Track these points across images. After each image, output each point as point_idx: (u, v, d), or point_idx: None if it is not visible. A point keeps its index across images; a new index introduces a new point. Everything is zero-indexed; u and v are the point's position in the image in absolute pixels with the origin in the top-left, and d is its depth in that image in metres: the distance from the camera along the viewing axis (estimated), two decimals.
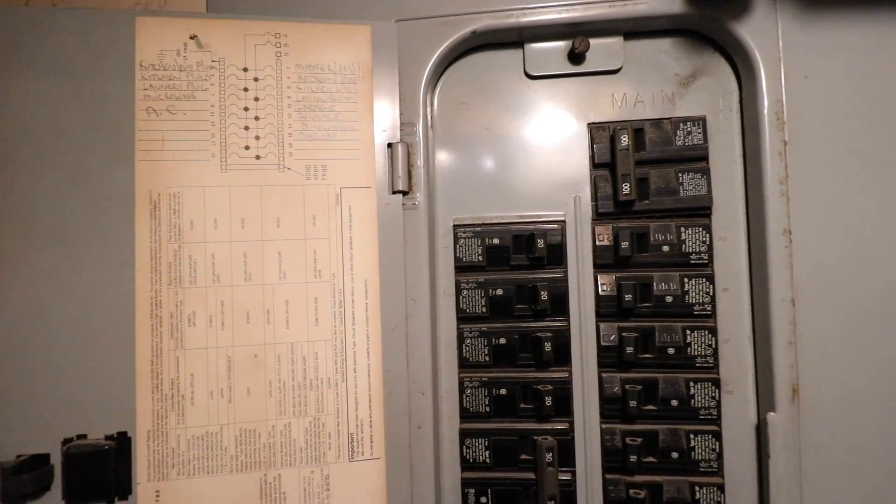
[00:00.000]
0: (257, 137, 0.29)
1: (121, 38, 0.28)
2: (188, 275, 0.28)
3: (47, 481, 0.26)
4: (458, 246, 0.32)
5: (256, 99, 0.30)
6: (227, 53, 0.29)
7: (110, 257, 0.28)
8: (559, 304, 0.31)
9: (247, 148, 0.29)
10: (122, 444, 0.27)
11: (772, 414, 0.28)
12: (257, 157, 0.29)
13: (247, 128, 0.29)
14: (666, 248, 0.30)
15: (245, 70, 0.29)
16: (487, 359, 0.31)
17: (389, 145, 0.30)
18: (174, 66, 0.29)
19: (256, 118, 0.29)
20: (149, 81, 0.29)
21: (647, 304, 0.30)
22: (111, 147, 0.28)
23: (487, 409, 0.31)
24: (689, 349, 0.30)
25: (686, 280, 0.30)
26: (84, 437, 0.27)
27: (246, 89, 0.29)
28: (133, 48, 0.29)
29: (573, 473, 0.30)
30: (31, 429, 0.27)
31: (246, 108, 0.29)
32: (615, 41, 0.31)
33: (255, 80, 0.29)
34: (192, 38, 0.29)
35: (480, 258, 0.32)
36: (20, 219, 0.27)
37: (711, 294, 0.30)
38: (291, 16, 0.31)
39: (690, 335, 0.30)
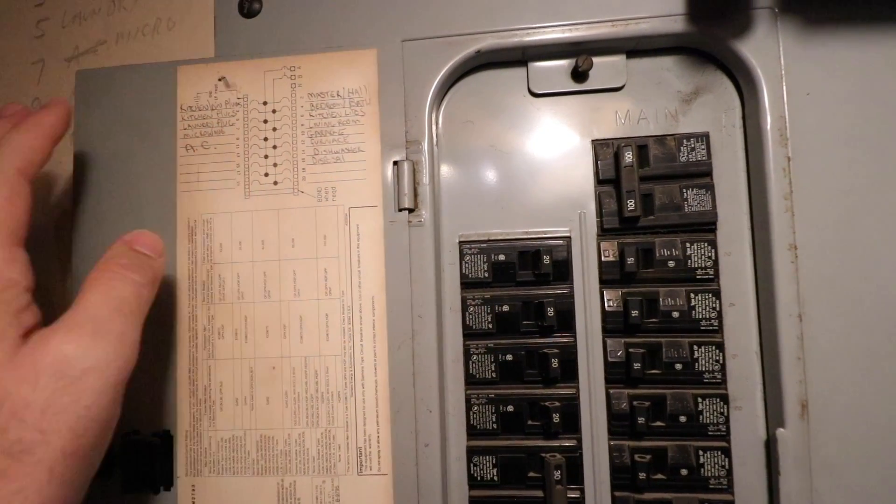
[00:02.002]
0: (275, 165, 0.31)
1: (166, 86, 0.33)
2: (218, 292, 0.31)
3: (111, 468, 0.30)
4: (463, 262, 0.32)
5: (274, 129, 0.32)
6: (250, 90, 0.32)
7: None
8: (566, 320, 0.31)
9: (266, 175, 0.31)
10: (166, 441, 0.31)
11: (781, 430, 0.28)
12: (275, 183, 0.31)
13: (266, 156, 0.32)
14: (672, 264, 0.30)
15: (265, 103, 0.32)
16: (494, 375, 0.31)
17: (395, 163, 0.31)
18: (207, 105, 0.32)
19: (274, 147, 0.32)
20: (187, 122, 0.32)
21: (653, 320, 0.30)
22: (160, 182, 0.33)
23: (495, 426, 0.31)
24: (696, 365, 0.30)
25: (692, 295, 0.30)
26: (137, 432, 0.31)
27: (265, 121, 0.32)
28: (176, 95, 0.32)
29: (581, 491, 0.30)
30: None
31: (265, 139, 0.32)
32: (618, 59, 0.32)
33: (273, 111, 0.32)
34: (220, 79, 0.32)
35: (486, 274, 0.32)
36: (90, 246, 0.33)
37: (718, 309, 0.30)
38: (298, 38, 0.33)
39: (698, 351, 0.30)
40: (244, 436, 0.30)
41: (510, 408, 0.31)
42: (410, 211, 0.31)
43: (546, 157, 0.32)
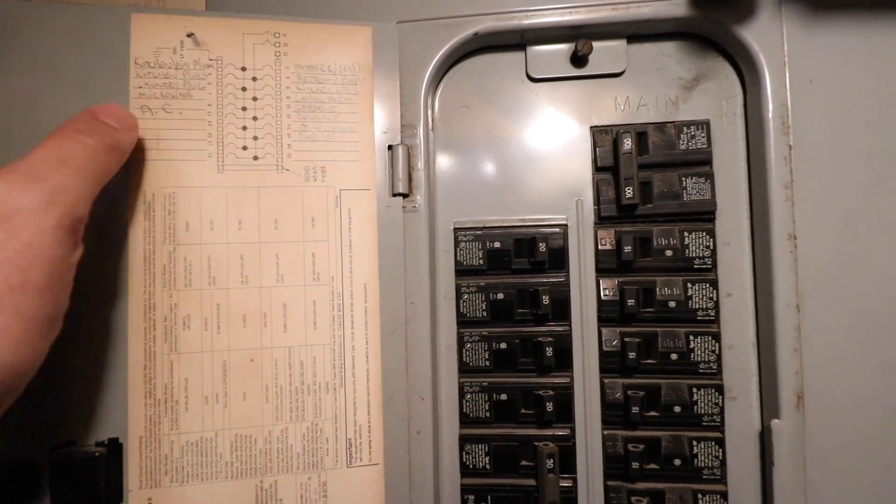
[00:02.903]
0: (255, 138, 0.29)
1: (115, 34, 0.28)
2: (183, 277, 0.28)
3: (35, 490, 0.26)
4: (458, 249, 0.32)
5: (255, 99, 0.29)
6: (225, 52, 0.29)
7: (104, 259, 0.27)
8: (561, 309, 0.31)
9: (244, 148, 0.29)
10: (113, 451, 0.26)
11: (776, 421, 0.28)
12: (255, 158, 0.29)
13: (244, 128, 0.29)
14: (669, 253, 0.30)
15: (243, 69, 0.29)
16: (488, 363, 0.31)
17: (390, 147, 0.30)
18: (170, 63, 0.28)
19: (255, 118, 0.29)
20: (143, 79, 0.28)
21: (649, 310, 0.30)
22: None
23: (487, 414, 0.31)
24: (692, 355, 0.30)
25: (689, 285, 0.30)
26: (74, 443, 0.26)
27: (244, 88, 0.29)
28: (128, 45, 0.28)
29: (574, 480, 0.30)
30: (19, 436, 0.26)
31: (244, 108, 0.29)
32: (618, 44, 0.31)
33: (254, 79, 0.29)
34: (188, 35, 0.28)
35: (481, 262, 0.31)
36: None
37: (715, 299, 0.30)
38: (291, 16, 0.31)
39: (693, 341, 0.30)
40: (215, 437, 0.27)
41: (503, 396, 0.31)
42: (405, 196, 0.30)
43: (544, 143, 0.32)
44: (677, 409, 0.29)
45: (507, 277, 0.31)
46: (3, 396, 0.20)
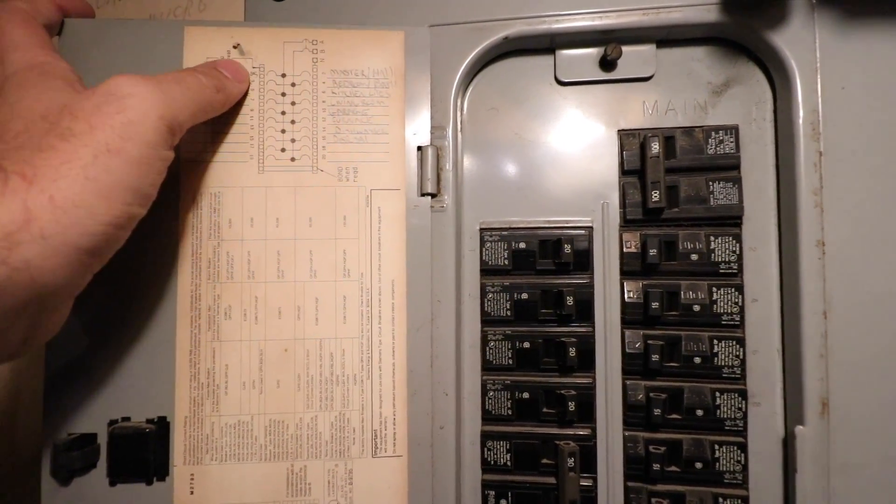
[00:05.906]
0: (293, 140, 0.30)
1: (170, 46, 0.30)
2: (226, 270, 0.30)
3: (94, 459, 0.28)
4: (484, 249, 0.32)
5: (293, 103, 0.31)
6: (267, 59, 0.30)
7: (157, 253, 0.30)
8: (584, 310, 0.31)
9: (283, 150, 0.30)
10: (161, 428, 0.29)
11: (800, 427, 0.28)
12: (292, 160, 0.30)
13: (283, 131, 0.30)
14: (694, 257, 0.30)
15: (283, 75, 0.31)
16: (511, 362, 0.32)
17: (419, 148, 0.31)
18: None
19: (292, 122, 0.31)
20: None
21: (673, 313, 0.30)
22: None
23: (509, 412, 0.31)
24: (715, 359, 0.30)
25: (714, 289, 0.30)
26: (128, 419, 0.29)
27: (283, 94, 0.30)
28: (181, 56, 0.30)
29: (594, 480, 0.30)
30: (82, 409, 0.29)
31: (283, 113, 0.30)
32: (648, 49, 0.31)
33: (293, 85, 0.31)
34: (235, 46, 0.30)
35: (506, 262, 0.32)
36: None
37: (740, 304, 0.30)
38: (326, 22, 0.32)
39: (718, 345, 0.30)
40: (251, 420, 0.29)
41: (525, 395, 0.31)
42: (433, 196, 0.31)
43: (571, 146, 0.32)
44: (700, 412, 0.30)
45: (531, 278, 0.32)
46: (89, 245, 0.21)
